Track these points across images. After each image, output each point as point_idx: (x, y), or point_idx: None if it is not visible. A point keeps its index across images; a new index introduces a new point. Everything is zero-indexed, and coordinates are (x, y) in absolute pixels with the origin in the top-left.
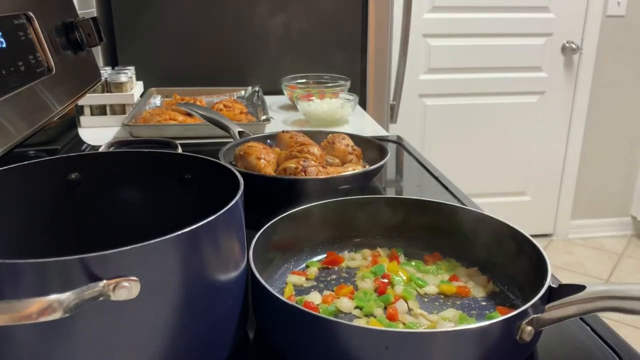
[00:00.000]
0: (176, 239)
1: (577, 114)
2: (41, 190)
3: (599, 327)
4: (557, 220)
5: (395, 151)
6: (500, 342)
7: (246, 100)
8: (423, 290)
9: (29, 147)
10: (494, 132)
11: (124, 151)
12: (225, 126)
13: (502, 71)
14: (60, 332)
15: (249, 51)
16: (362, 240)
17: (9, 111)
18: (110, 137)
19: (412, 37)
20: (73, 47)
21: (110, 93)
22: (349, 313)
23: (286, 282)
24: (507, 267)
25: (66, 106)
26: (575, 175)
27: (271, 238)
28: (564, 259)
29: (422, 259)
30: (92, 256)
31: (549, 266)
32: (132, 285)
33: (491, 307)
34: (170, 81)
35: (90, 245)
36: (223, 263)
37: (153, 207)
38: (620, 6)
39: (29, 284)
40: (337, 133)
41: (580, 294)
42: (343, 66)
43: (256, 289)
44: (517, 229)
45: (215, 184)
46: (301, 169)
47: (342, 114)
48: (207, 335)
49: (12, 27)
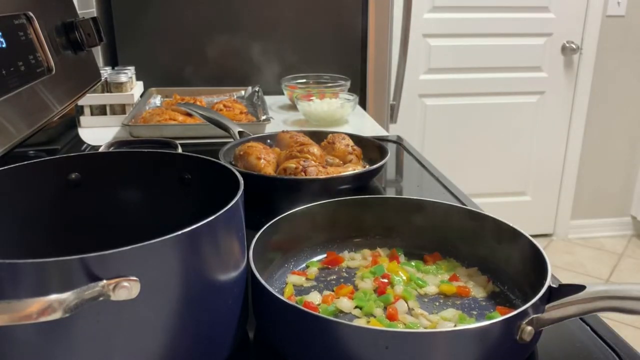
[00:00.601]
0: (176, 239)
1: (577, 114)
2: (41, 190)
3: (599, 327)
4: (557, 220)
5: (395, 151)
6: (500, 342)
7: (246, 100)
8: (423, 290)
9: (29, 147)
10: (494, 132)
11: (124, 151)
12: (225, 126)
13: (502, 71)
14: (60, 332)
15: (249, 51)
16: (362, 240)
17: (9, 111)
18: (110, 137)
19: (412, 37)
20: (73, 47)
21: (110, 93)
22: (348, 313)
23: (286, 282)
24: (507, 267)
25: (66, 106)
26: (575, 175)
27: (271, 238)
28: (564, 259)
29: (422, 259)
30: (92, 256)
31: (549, 266)
32: (132, 285)
33: (491, 307)
34: (170, 81)
35: (90, 245)
36: (223, 263)
37: (153, 207)
38: (620, 6)
39: (29, 284)
40: (337, 133)
41: (580, 294)
42: (343, 66)
43: (256, 289)
44: (517, 229)
45: (215, 184)
46: (301, 169)
47: (342, 114)
48: (207, 335)
49: (12, 27)
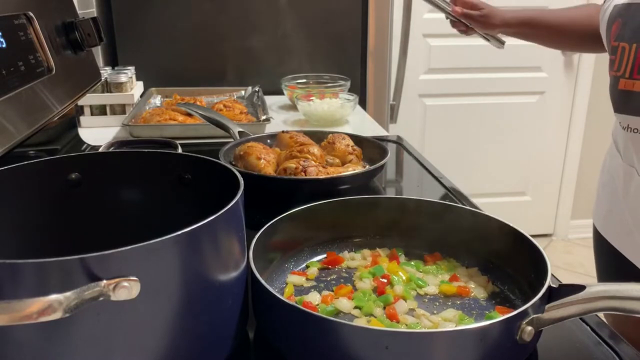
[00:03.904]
0: (176, 239)
1: (577, 114)
2: (41, 190)
3: (599, 327)
4: (557, 220)
5: (395, 151)
6: (500, 342)
7: (246, 100)
8: (423, 291)
9: (29, 147)
10: (494, 132)
11: (124, 151)
12: (225, 126)
13: (502, 71)
14: (60, 332)
15: (249, 51)
16: (362, 240)
17: (9, 111)
18: (110, 137)
19: (412, 37)
20: (73, 47)
21: (110, 93)
22: (348, 313)
23: (286, 282)
24: (507, 267)
25: (66, 106)
26: (575, 175)
27: (271, 238)
28: (564, 259)
29: (422, 259)
30: (92, 256)
31: (549, 266)
32: (132, 285)
33: (491, 307)
34: (170, 81)
35: (90, 245)
36: (223, 263)
37: (153, 207)
38: None
39: (29, 284)
40: (337, 133)
41: (580, 294)
42: (343, 66)
43: (256, 289)
44: (517, 229)
45: (215, 184)
46: (301, 169)
47: (342, 114)
48: (207, 335)
49: (12, 27)
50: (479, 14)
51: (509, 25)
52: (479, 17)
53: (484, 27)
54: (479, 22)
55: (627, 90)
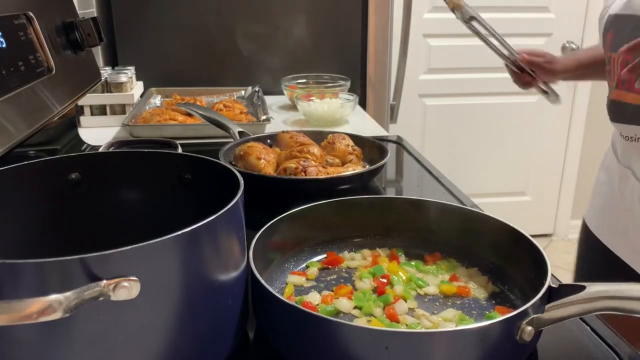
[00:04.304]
0: (176, 239)
1: (577, 114)
2: (41, 190)
3: (599, 327)
4: (557, 220)
5: (395, 151)
6: (500, 342)
7: (246, 100)
8: (423, 291)
9: (29, 147)
10: (494, 132)
11: (124, 151)
12: (225, 126)
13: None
14: (60, 332)
15: (249, 51)
16: (362, 240)
17: (9, 111)
18: (110, 137)
19: (412, 37)
20: (73, 47)
21: (110, 93)
22: (348, 313)
23: (286, 282)
24: (507, 267)
25: (66, 106)
26: (575, 175)
27: (271, 238)
28: (564, 259)
29: (422, 259)
30: (92, 256)
31: (549, 266)
32: (132, 285)
33: (491, 307)
34: (170, 81)
35: (90, 245)
36: (223, 263)
37: (153, 207)
38: None
39: (29, 284)
40: (337, 133)
41: (580, 294)
42: (343, 66)
43: (256, 289)
44: (517, 229)
45: (215, 184)
46: (301, 169)
47: (342, 114)
48: (207, 335)
49: (12, 27)
50: (544, 60)
51: (570, 69)
52: (544, 64)
53: (549, 74)
54: (545, 68)
55: (618, 100)
